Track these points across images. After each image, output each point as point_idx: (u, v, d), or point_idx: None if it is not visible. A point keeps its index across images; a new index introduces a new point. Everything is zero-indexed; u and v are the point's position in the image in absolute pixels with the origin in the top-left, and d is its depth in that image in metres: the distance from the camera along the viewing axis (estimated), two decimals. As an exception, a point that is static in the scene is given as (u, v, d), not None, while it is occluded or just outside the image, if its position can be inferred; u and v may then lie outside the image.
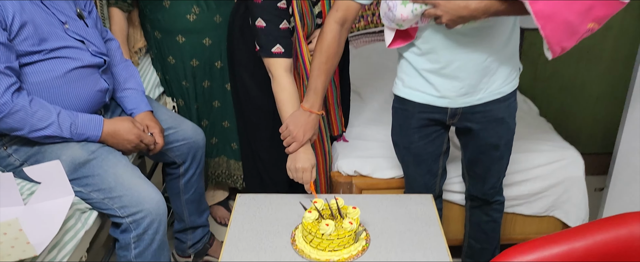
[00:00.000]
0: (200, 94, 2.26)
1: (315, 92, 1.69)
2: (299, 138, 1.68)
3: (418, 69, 1.63)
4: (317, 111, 1.70)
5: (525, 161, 2.07)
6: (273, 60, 1.77)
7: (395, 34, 1.58)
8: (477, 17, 1.42)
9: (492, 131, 1.70)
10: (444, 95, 1.63)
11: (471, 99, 1.63)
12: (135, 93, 1.78)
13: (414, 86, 1.67)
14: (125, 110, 1.77)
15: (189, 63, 2.19)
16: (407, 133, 1.76)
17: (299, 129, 1.68)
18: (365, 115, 2.43)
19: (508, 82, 1.65)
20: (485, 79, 1.61)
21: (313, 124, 1.70)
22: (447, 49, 1.55)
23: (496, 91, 1.64)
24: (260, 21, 1.75)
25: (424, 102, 1.67)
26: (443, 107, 1.66)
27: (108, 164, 1.53)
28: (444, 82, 1.61)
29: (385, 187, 2.08)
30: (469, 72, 1.58)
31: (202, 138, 1.97)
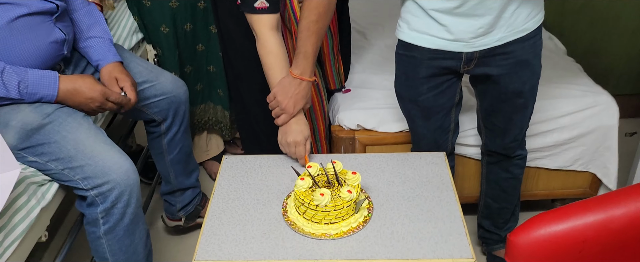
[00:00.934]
0: (181, 38, 2.01)
1: (306, 57, 1.45)
2: (289, 109, 1.46)
3: (426, 8, 1.37)
4: (309, 78, 1.47)
5: (551, 109, 1.83)
6: (256, 17, 1.51)
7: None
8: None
9: (515, 76, 1.45)
10: (458, 38, 1.38)
11: (490, 39, 1.38)
12: (100, 42, 1.54)
13: (421, 29, 1.41)
14: (91, 62, 1.54)
15: (168, 5, 1.93)
16: (414, 84, 1.52)
17: (289, 100, 1.46)
18: (369, 59, 2.17)
19: (532, 16, 1.40)
20: (506, 14, 1.35)
21: (304, 93, 1.48)
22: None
23: (519, 28, 1.39)
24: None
25: (434, 47, 1.42)
26: (457, 52, 1.41)
27: (67, 129, 1.32)
28: (458, 22, 1.35)
29: (393, 142, 1.86)
30: (487, 7, 1.33)
31: (184, 91, 1.74)
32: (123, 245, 1.39)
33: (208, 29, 2.03)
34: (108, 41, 1.55)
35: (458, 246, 1.22)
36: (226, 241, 1.26)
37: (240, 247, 1.24)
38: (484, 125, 1.64)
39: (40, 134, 1.30)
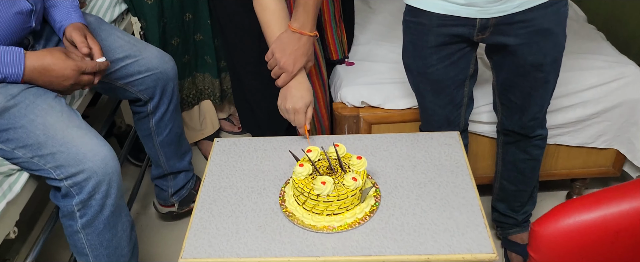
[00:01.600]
0: (168, 9, 1.85)
1: (306, 9, 1.31)
2: (289, 67, 1.33)
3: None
4: (309, 32, 1.33)
5: (573, 82, 1.67)
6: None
7: None
8: None
9: (535, 47, 1.30)
10: (472, 2, 1.22)
11: (507, 5, 1.22)
12: (64, 2, 1.36)
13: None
14: (53, 25, 1.36)
15: (152, -28, 1.76)
16: (423, 54, 1.36)
17: (288, 57, 1.32)
18: (373, 30, 2.01)
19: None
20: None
21: (305, 49, 1.34)
22: None
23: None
24: None
25: (445, 13, 1.26)
26: (470, 17, 1.25)
27: (35, 112, 1.17)
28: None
29: (400, 120, 1.71)
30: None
31: (171, 67, 1.59)
32: (103, 239, 1.26)
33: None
34: (75, 3, 1.38)
35: (477, 239, 1.09)
36: (217, 235, 1.13)
37: (233, 242, 1.11)
38: (500, 101, 1.49)
39: (5, 118, 1.16)
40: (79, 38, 1.28)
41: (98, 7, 1.73)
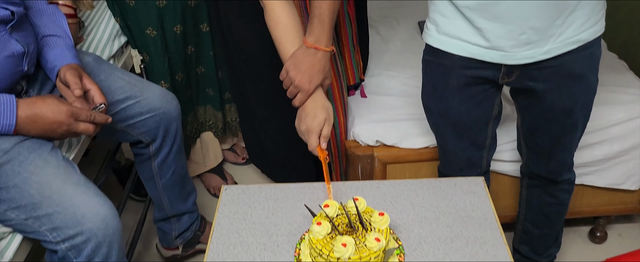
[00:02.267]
0: (171, 41, 1.76)
1: (321, 21, 1.22)
2: (304, 86, 1.23)
3: (459, 5, 1.13)
4: (325, 47, 1.24)
5: (598, 117, 1.59)
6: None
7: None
8: None
9: (566, 92, 1.21)
10: (496, 46, 1.14)
11: (536, 51, 1.13)
12: (58, 41, 1.28)
13: (452, 32, 1.17)
14: (45, 66, 1.27)
15: (154, 4, 1.67)
16: (444, 96, 1.28)
17: (303, 74, 1.23)
18: (385, 60, 1.92)
19: (592, 23, 1.14)
20: (558, 20, 1.10)
21: (321, 65, 1.24)
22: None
23: (573, 38, 1.13)
24: None
25: (468, 56, 1.18)
26: (494, 63, 1.16)
27: (29, 169, 1.08)
28: (496, 27, 1.11)
29: (416, 159, 1.62)
30: (533, 9, 1.07)
31: (175, 106, 1.50)
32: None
33: (198, 28, 1.80)
34: (68, 43, 1.30)
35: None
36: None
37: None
38: (526, 144, 1.40)
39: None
40: (72, 79, 1.18)
41: (97, 42, 1.64)
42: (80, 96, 1.17)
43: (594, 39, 1.17)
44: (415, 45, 2.01)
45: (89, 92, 1.21)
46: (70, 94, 1.18)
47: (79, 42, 1.60)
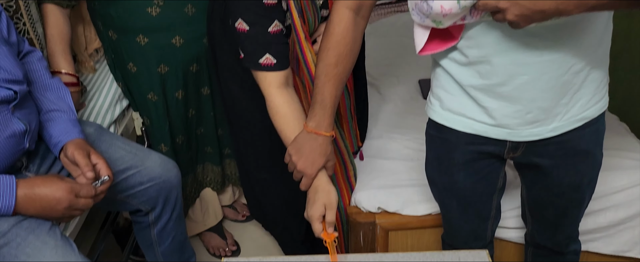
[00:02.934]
0: (172, 106, 1.76)
1: (323, 106, 1.23)
2: (307, 170, 1.24)
3: (463, 84, 1.13)
4: (325, 132, 1.25)
5: (601, 183, 1.55)
6: (261, 75, 1.31)
7: (430, 33, 1.07)
8: (564, 13, 0.91)
9: (572, 169, 1.20)
10: (502, 124, 1.13)
11: (542, 129, 1.13)
12: (62, 116, 1.29)
13: (456, 109, 1.17)
14: (49, 141, 1.27)
15: (156, 70, 1.68)
16: (449, 170, 1.27)
17: (305, 159, 1.24)
18: (385, 120, 1.92)
19: (597, 100, 1.15)
20: (564, 99, 1.10)
21: (322, 149, 1.25)
22: (506, 56, 1.05)
23: (579, 116, 1.14)
24: (241, 23, 1.27)
25: (472, 132, 1.17)
26: (500, 139, 1.16)
27: (26, 252, 1.06)
28: (502, 106, 1.11)
29: (419, 226, 1.60)
30: (539, 90, 1.07)
31: (175, 174, 1.49)
32: None
33: (199, 92, 1.80)
34: (72, 117, 1.30)
35: None
36: None
37: None
38: (531, 215, 1.38)
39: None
40: (82, 160, 1.18)
41: (99, 107, 1.65)
42: (92, 178, 1.17)
43: (599, 115, 1.17)
44: (416, 106, 2.01)
45: (96, 165, 1.21)
46: (77, 171, 1.18)
47: (80, 108, 1.61)
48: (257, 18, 1.25)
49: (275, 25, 1.27)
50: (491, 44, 1.04)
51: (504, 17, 0.94)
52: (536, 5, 0.90)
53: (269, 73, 1.29)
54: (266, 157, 1.65)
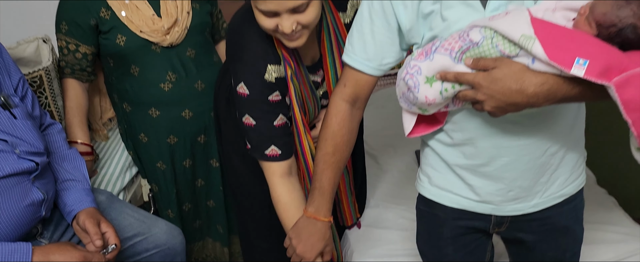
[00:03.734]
0: (180, 174, 1.86)
1: (321, 193, 1.30)
2: (306, 254, 1.32)
3: (449, 163, 1.22)
4: (324, 218, 1.32)
5: (588, 256, 1.62)
6: (267, 164, 1.40)
7: (418, 118, 1.17)
8: (535, 105, 1.01)
9: (553, 243, 1.27)
10: (486, 200, 1.21)
11: (524, 205, 1.21)
12: (77, 186, 1.39)
13: (444, 186, 1.25)
14: (63, 209, 1.36)
15: (165, 141, 1.79)
16: (438, 244, 1.34)
17: (304, 243, 1.32)
18: (382, 189, 2.00)
19: (574, 178, 1.24)
20: (543, 178, 1.19)
21: (321, 234, 1.33)
22: (488, 140, 1.14)
23: (557, 194, 1.22)
24: (248, 118, 1.36)
25: (459, 208, 1.25)
26: (485, 214, 1.24)
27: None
28: (486, 184, 1.19)
29: (413, 295, 1.65)
30: (519, 171, 1.16)
31: (180, 241, 1.57)
32: None
33: (208, 163, 1.89)
34: (86, 187, 1.40)
35: None
36: None
37: None
38: None
39: None
40: (92, 229, 1.27)
41: (110, 175, 1.74)
42: (100, 247, 1.25)
43: (577, 192, 1.25)
44: (412, 176, 2.06)
45: (105, 234, 1.29)
46: (87, 239, 1.26)
47: (93, 175, 1.70)
48: (262, 114, 1.35)
49: (280, 118, 1.37)
50: (474, 128, 1.14)
51: (482, 107, 1.04)
52: (510, 98, 1.00)
53: (273, 163, 1.38)
54: (266, 227, 1.72)
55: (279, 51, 1.33)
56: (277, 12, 1.20)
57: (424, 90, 1.07)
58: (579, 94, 0.99)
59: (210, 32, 1.83)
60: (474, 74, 1.02)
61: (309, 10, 1.22)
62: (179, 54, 1.72)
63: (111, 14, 1.65)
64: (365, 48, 1.17)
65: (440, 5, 1.08)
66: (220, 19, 1.89)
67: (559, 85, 0.97)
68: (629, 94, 0.93)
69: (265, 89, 1.33)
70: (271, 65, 1.33)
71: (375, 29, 1.15)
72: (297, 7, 1.19)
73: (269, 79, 1.33)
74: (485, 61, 1.00)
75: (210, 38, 1.84)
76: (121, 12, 1.65)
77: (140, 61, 1.70)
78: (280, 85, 1.35)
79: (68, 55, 1.65)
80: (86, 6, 1.63)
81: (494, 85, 0.99)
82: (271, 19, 1.21)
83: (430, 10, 1.09)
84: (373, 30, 1.15)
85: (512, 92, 0.99)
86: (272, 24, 1.22)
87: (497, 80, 0.99)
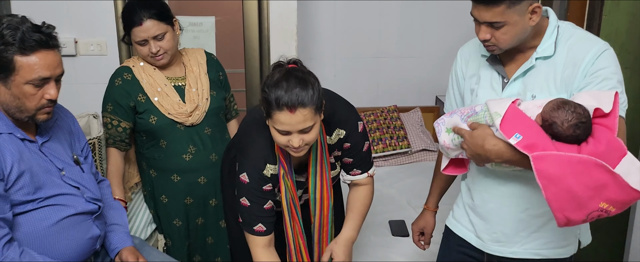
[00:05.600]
0: (193, 230, 2.22)
1: None
2: None
3: (464, 201, 1.65)
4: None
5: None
6: (252, 237, 1.74)
7: (449, 161, 1.59)
8: (491, 160, 1.41)
9: None
10: (479, 236, 1.61)
11: (504, 249, 1.57)
12: (120, 229, 1.75)
13: (458, 218, 1.68)
14: (109, 246, 1.71)
15: (183, 201, 2.17)
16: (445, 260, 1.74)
17: None
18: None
19: (554, 246, 1.53)
20: (523, 233, 1.54)
21: None
22: (483, 186, 1.57)
23: (535, 251, 1.53)
24: (244, 200, 1.71)
25: (461, 236, 1.66)
26: (477, 247, 1.62)
27: None
28: (479, 222, 1.60)
29: None
30: (502, 218, 1.55)
31: (192, 283, 1.90)
32: None
33: (218, 223, 2.25)
34: (126, 230, 1.77)
35: None
36: None
37: None
38: None
39: None
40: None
41: (136, 227, 2.10)
42: None
43: (558, 259, 1.52)
44: (384, 245, 2.42)
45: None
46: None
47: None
48: (256, 198, 1.69)
49: (269, 203, 1.71)
50: (477, 176, 1.57)
51: (467, 153, 1.44)
52: (476, 150, 1.39)
53: (258, 237, 1.71)
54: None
55: (276, 155, 1.68)
56: (289, 132, 1.55)
57: (443, 137, 1.50)
58: (518, 160, 1.35)
59: (224, 113, 2.27)
60: (465, 130, 1.44)
61: (312, 131, 1.56)
62: (198, 131, 2.14)
63: (146, 99, 2.09)
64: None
65: (478, 85, 1.54)
66: (232, 101, 2.34)
67: (506, 149, 1.35)
68: (541, 166, 1.28)
69: (262, 181, 1.68)
70: (270, 164, 1.67)
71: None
72: (305, 128, 1.54)
73: (266, 174, 1.67)
74: (475, 124, 1.43)
75: (224, 118, 2.28)
76: (154, 97, 2.09)
77: (167, 136, 2.11)
78: (273, 180, 1.69)
79: (111, 129, 2.07)
80: (127, 91, 2.07)
81: (471, 139, 1.41)
82: (284, 136, 1.55)
83: (472, 89, 1.56)
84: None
85: (477, 146, 1.40)
86: (284, 140, 1.56)
87: (474, 137, 1.41)
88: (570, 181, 1.27)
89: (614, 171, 1.27)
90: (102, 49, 2.72)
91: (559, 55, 1.45)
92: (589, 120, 1.34)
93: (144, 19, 1.96)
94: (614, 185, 1.27)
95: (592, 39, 1.46)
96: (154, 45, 2.00)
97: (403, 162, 3.37)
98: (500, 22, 1.40)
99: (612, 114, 1.34)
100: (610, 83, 1.39)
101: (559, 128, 1.33)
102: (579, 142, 1.33)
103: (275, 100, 1.50)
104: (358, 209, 1.87)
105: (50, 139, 1.60)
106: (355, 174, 1.85)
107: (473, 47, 1.61)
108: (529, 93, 1.46)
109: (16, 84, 1.43)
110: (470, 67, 1.60)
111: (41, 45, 1.42)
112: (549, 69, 1.46)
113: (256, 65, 2.91)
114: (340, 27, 3.54)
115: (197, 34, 2.89)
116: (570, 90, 1.43)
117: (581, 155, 1.29)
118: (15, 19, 1.43)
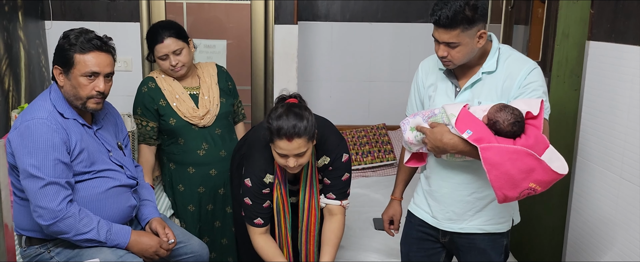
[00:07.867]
0: (204, 215, 2.61)
1: None
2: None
3: (423, 188, 1.98)
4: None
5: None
6: (252, 228, 2.13)
7: (411, 155, 1.91)
8: (448, 151, 1.72)
9: (474, 259, 1.88)
10: (434, 216, 1.94)
11: (454, 225, 1.88)
12: (150, 204, 2.15)
13: (417, 203, 2.01)
14: (141, 217, 2.09)
15: (196, 190, 2.58)
16: (408, 242, 2.05)
17: None
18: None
19: (493, 223, 1.86)
20: (469, 212, 1.84)
21: None
22: (439, 175, 1.89)
23: (479, 227, 1.85)
24: (247, 199, 2.09)
25: (421, 218, 1.98)
26: (434, 226, 1.95)
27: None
28: (435, 204, 1.92)
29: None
30: (453, 200, 1.85)
31: (206, 253, 2.28)
32: None
33: (224, 209, 2.64)
34: (154, 205, 2.17)
35: None
36: None
37: None
38: None
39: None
40: (162, 230, 2.03)
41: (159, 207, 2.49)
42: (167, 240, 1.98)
43: (496, 233, 1.85)
44: (368, 237, 2.81)
45: (167, 234, 2.03)
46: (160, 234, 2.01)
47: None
48: (256, 199, 2.06)
49: (267, 203, 2.09)
50: (434, 166, 1.90)
51: (428, 147, 1.78)
52: (436, 143, 1.72)
53: (256, 228, 2.10)
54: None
55: (274, 167, 2.04)
56: (287, 155, 1.88)
57: (407, 134, 1.82)
58: (469, 151, 1.68)
59: (232, 117, 2.69)
60: (427, 128, 1.76)
61: (305, 155, 1.90)
62: (210, 131, 2.56)
63: (167, 104, 2.51)
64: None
65: (435, 93, 1.85)
66: (240, 107, 2.75)
67: (460, 142, 1.67)
68: (487, 155, 1.61)
69: (261, 186, 2.04)
70: (269, 174, 2.04)
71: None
72: (300, 153, 1.88)
73: (266, 181, 2.04)
74: (435, 123, 1.74)
75: (232, 121, 2.69)
76: (173, 103, 2.52)
77: (185, 135, 2.53)
78: (271, 186, 2.06)
79: (142, 128, 2.50)
80: (152, 97, 2.50)
81: (432, 135, 1.74)
82: (283, 158, 1.89)
83: (430, 95, 1.88)
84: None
85: (437, 140, 1.71)
86: (283, 161, 1.90)
87: (434, 133, 1.72)
88: (507, 166, 1.59)
89: (541, 159, 1.61)
90: (128, 66, 3.17)
91: (499, 70, 1.79)
92: (522, 120, 1.67)
93: (165, 37, 2.40)
94: (540, 169, 1.60)
95: (525, 59, 1.82)
96: (173, 59, 2.43)
97: (389, 173, 3.75)
98: (455, 43, 1.71)
99: (539, 116, 1.68)
100: (538, 93, 1.75)
101: (501, 126, 1.66)
102: (514, 137, 1.67)
103: (276, 131, 1.85)
104: (332, 241, 2.13)
105: (102, 127, 2.02)
106: (330, 198, 2.14)
107: (432, 62, 1.95)
108: (476, 99, 1.80)
109: (74, 76, 1.84)
110: (429, 78, 1.95)
111: (96, 47, 1.85)
112: (491, 81, 1.79)
113: (261, 83, 3.32)
114: (336, 52, 3.98)
115: (211, 55, 3.32)
116: (508, 98, 1.77)
117: (516, 146, 1.62)
118: (83, 29, 1.87)
